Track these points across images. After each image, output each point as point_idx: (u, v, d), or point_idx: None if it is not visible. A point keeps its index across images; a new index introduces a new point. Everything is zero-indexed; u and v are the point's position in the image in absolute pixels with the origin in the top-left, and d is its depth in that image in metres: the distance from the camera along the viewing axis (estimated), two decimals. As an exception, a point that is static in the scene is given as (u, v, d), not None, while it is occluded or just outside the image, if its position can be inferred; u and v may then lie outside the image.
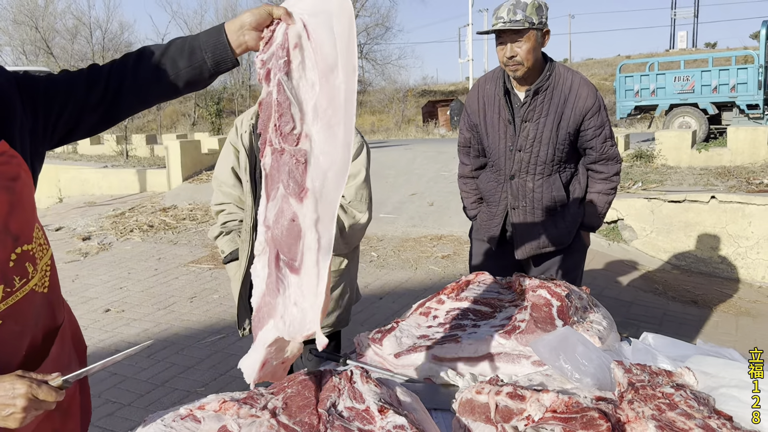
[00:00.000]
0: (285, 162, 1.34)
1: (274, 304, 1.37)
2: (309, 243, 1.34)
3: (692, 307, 5.47)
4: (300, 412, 1.59)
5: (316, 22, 1.33)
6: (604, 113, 2.99)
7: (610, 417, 1.30)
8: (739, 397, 1.41)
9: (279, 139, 1.34)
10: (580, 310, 2.37)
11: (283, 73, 1.33)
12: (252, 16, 1.37)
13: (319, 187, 1.33)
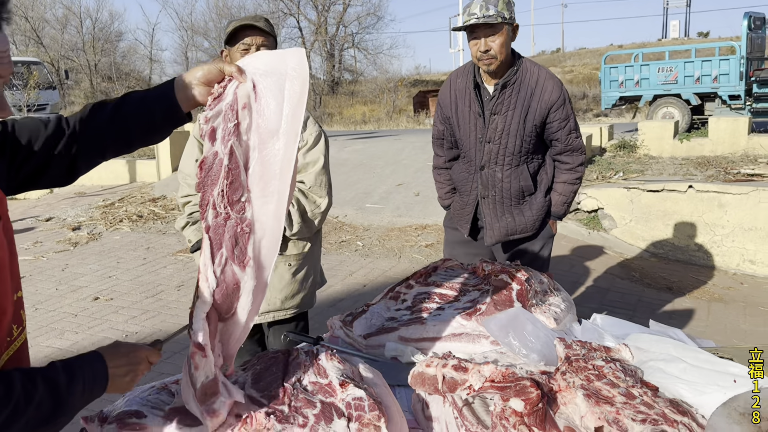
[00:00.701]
0: (230, 228, 1.32)
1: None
2: (243, 304, 1.44)
3: (667, 293, 5.63)
4: (267, 386, 1.72)
5: (266, 82, 1.31)
6: (569, 106, 3.12)
7: (542, 386, 1.43)
8: (664, 369, 1.55)
9: (226, 205, 1.30)
10: (539, 294, 2.51)
11: (234, 138, 1.30)
12: (202, 71, 1.36)
13: (257, 255, 1.34)
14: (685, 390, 1.46)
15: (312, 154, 2.73)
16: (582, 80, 31.35)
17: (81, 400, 1.20)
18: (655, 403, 1.39)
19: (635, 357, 1.68)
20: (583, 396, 1.40)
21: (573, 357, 1.57)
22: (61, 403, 1.14)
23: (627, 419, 1.33)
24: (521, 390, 1.38)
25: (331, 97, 36.00)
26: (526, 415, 1.35)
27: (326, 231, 7.80)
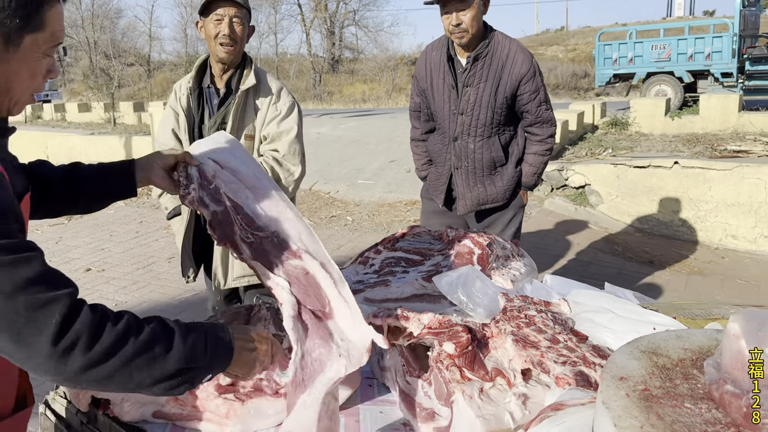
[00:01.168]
0: (265, 245, 1.47)
1: (326, 353, 1.41)
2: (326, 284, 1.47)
3: (647, 266, 5.74)
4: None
5: (221, 156, 1.57)
6: (539, 79, 3.19)
7: (474, 332, 1.54)
8: (593, 319, 1.66)
9: (249, 233, 1.48)
10: (501, 258, 2.62)
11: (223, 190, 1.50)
12: (160, 157, 1.54)
13: (301, 244, 1.49)
14: (609, 337, 1.57)
15: (286, 123, 2.80)
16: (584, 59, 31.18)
17: (204, 355, 1.18)
18: (577, 347, 1.50)
19: (573, 310, 1.79)
20: (512, 341, 1.51)
21: (509, 308, 1.67)
22: (176, 344, 1.14)
23: (550, 361, 1.44)
24: (453, 334, 1.49)
25: (331, 75, 35.88)
26: (457, 356, 1.46)
27: (317, 206, 7.90)
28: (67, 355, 1.02)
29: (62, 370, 1.03)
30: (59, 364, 1.02)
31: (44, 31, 1.18)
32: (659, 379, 1.14)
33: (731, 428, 1.02)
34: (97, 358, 1.04)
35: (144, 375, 1.10)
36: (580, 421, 1.16)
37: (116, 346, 1.06)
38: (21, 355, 1.02)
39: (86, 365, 1.04)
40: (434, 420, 1.50)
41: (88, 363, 1.04)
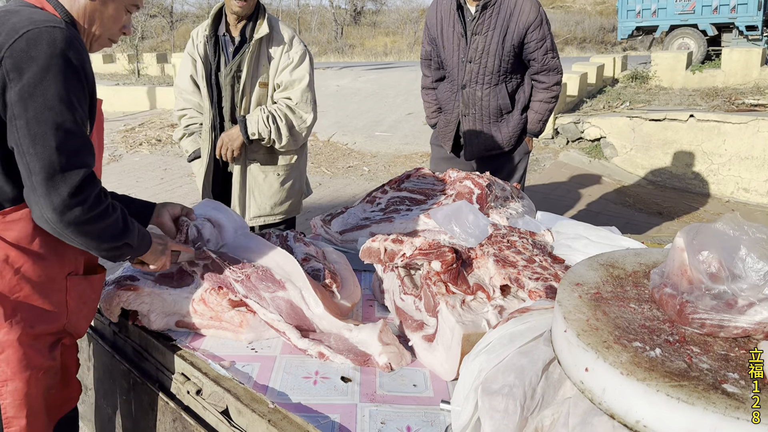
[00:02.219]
0: (253, 280, 1.77)
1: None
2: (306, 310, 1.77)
3: (656, 217, 5.85)
4: (242, 261, 2.03)
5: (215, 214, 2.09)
6: (546, 27, 3.28)
7: (460, 253, 1.72)
8: (571, 245, 1.82)
9: (238, 273, 1.78)
10: (500, 199, 2.77)
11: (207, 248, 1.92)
12: (171, 206, 1.95)
13: (282, 272, 1.81)
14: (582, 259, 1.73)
15: (298, 71, 2.93)
16: (613, 12, 30.42)
17: (137, 239, 1.57)
18: (551, 267, 1.67)
19: (555, 239, 1.95)
20: (493, 261, 1.68)
21: (495, 234, 1.84)
22: (127, 227, 1.52)
23: (525, 278, 1.62)
24: (440, 254, 1.67)
25: (353, 27, 35.48)
26: (443, 273, 1.64)
27: (334, 157, 8.06)
28: (75, 207, 1.37)
29: (66, 214, 1.37)
30: (66, 209, 1.36)
31: None
32: (611, 285, 1.31)
33: (666, 323, 1.19)
34: (91, 219, 1.41)
35: (105, 240, 1.48)
36: (542, 321, 1.34)
37: (102, 215, 1.44)
38: (42, 191, 1.34)
39: (82, 220, 1.39)
40: (423, 329, 1.69)
41: (84, 219, 1.39)
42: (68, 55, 1.37)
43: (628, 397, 1.02)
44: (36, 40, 1.34)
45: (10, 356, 1.47)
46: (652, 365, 1.04)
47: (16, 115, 1.33)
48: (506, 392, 1.18)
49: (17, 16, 1.40)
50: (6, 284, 1.46)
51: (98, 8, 1.53)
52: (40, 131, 1.33)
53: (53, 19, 1.40)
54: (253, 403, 1.49)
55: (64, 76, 1.35)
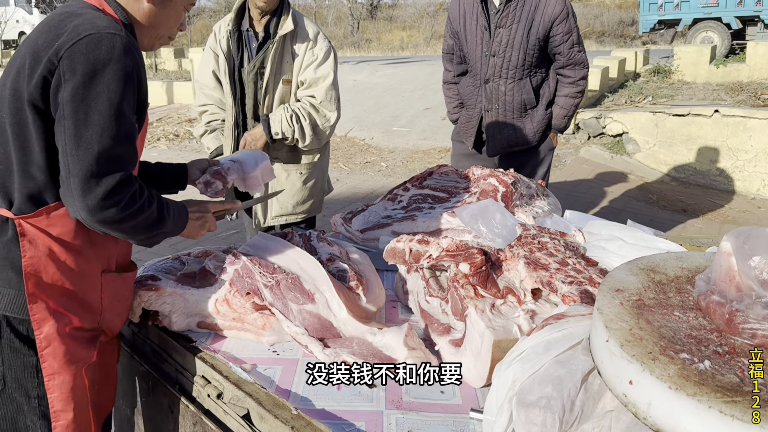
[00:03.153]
0: (284, 288, 1.72)
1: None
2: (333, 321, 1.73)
3: (680, 215, 5.74)
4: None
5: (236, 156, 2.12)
6: (572, 20, 3.20)
7: (489, 255, 1.65)
8: (605, 247, 1.75)
9: (269, 278, 1.75)
10: (525, 197, 2.71)
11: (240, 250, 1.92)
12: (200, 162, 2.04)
13: (308, 278, 1.76)
14: (617, 262, 1.67)
15: (322, 69, 2.87)
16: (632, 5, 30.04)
17: (171, 225, 1.61)
18: (585, 270, 1.61)
19: (587, 240, 1.88)
20: (524, 264, 1.62)
21: (524, 235, 1.78)
22: (161, 218, 1.55)
23: (558, 281, 1.55)
24: (469, 256, 1.61)
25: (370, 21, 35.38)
26: (471, 275, 1.58)
27: (352, 152, 8.01)
28: (108, 208, 1.40)
29: (98, 214, 1.39)
30: (99, 210, 1.39)
31: None
32: (653, 292, 1.24)
33: (714, 333, 1.12)
34: (123, 218, 1.44)
35: (139, 233, 1.52)
36: (579, 329, 1.28)
37: (136, 213, 1.46)
38: (78, 193, 1.37)
39: (115, 219, 1.42)
40: (450, 333, 1.63)
41: (117, 219, 1.42)
42: (125, 63, 1.39)
43: (676, 412, 0.96)
44: (96, 44, 1.37)
45: (56, 349, 1.50)
46: (702, 379, 0.98)
47: (66, 115, 1.36)
48: (543, 404, 1.12)
49: (80, 18, 1.43)
50: (50, 277, 1.49)
51: (160, 11, 1.59)
52: (86, 134, 1.36)
53: (114, 26, 1.43)
54: (275, 408, 1.44)
55: (118, 82, 1.38)
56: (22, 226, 1.46)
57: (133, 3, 1.55)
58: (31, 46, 1.44)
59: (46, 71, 1.38)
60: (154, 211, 1.52)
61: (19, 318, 1.50)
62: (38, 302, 1.48)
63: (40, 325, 1.48)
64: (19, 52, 1.50)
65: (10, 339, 1.51)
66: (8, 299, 1.49)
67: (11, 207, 1.48)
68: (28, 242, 1.47)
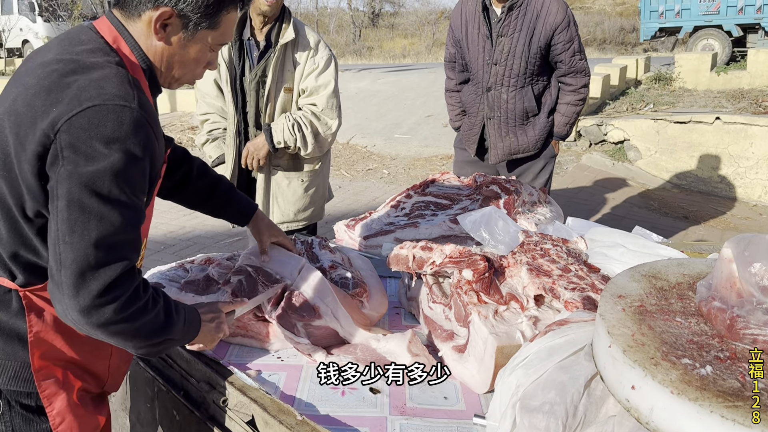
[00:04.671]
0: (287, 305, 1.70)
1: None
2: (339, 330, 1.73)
3: (682, 221, 5.74)
4: (268, 268, 1.99)
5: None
6: (574, 28, 3.22)
7: (492, 261, 1.67)
8: (607, 253, 1.76)
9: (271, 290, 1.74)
10: (527, 204, 2.72)
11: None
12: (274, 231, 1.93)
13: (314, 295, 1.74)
14: (619, 268, 1.67)
15: (323, 77, 2.89)
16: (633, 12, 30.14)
17: (181, 331, 1.41)
18: (587, 276, 1.62)
19: (589, 247, 1.90)
20: (527, 270, 1.63)
21: (527, 242, 1.79)
22: (170, 321, 1.36)
23: (560, 288, 1.57)
24: (472, 262, 1.62)
25: (371, 29, 35.52)
26: (475, 282, 1.59)
27: (354, 159, 8.04)
28: (104, 306, 1.20)
29: (93, 315, 1.20)
30: (93, 310, 1.20)
31: (217, 30, 1.39)
32: (655, 298, 1.26)
33: (715, 339, 1.13)
34: (121, 319, 1.23)
35: (139, 341, 1.31)
36: (581, 335, 1.29)
37: (137, 315, 1.26)
38: (69, 290, 1.18)
39: (111, 321, 1.22)
40: (453, 340, 1.64)
41: (114, 320, 1.22)
42: (134, 142, 1.21)
43: (678, 417, 0.97)
44: (100, 120, 1.19)
45: (70, 423, 1.42)
46: (704, 384, 0.99)
47: (59, 196, 1.18)
48: (547, 410, 1.13)
49: (85, 77, 1.24)
50: (58, 350, 1.39)
51: (177, 52, 1.38)
52: (82, 219, 1.18)
53: (125, 95, 1.23)
54: (280, 414, 1.45)
55: (124, 164, 1.20)
56: (29, 298, 1.34)
57: (145, 40, 1.36)
58: (28, 103, 1.25)
59: (40, 147, 1.20)
60: (160, 312, 1.33)
61: (25, 392, 1.39)
62: (47, 377, 1.38)
63: (52, 401, 1.39)
64: (9, 95, 1.31)
65: (19, 411, 1.40)
66: (12, 373, 1.37)
67: (13, 278, 1.34)
68: (35, 315, 1.35)
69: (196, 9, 1.33)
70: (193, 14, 1.33)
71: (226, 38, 1.43)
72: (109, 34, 1.35)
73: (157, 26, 1.32)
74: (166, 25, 1.33)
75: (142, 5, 1.32)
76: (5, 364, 1.37)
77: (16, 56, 20.97)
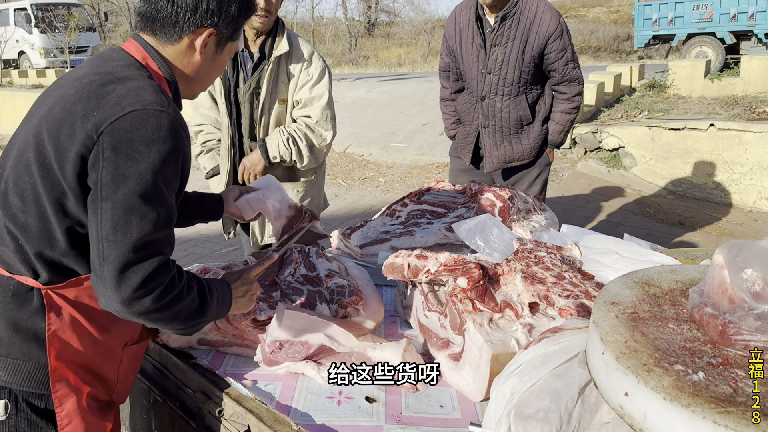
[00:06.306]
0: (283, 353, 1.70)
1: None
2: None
3: (678, 228, 5.76)
4: (264, 277, 2.00)
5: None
6: (567, 37, 3.24)
7: (486, 269, 1.67)
8: (601, 260, 1.77)
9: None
10: (522, 211, 2.73)
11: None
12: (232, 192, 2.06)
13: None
14: (613, 275, 1.68)
15: (317, 88, 2.89)
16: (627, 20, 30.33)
17: (215, 310, 1.50)
18: (581, 283, 1.63)
19: (583, 254, 1.90)
20: (521, 278, 1.64)
21: (521, 250, 1.80)
22: (204, 304, 1.45)
23: (555, 295, 1.57)
24: (466, 270, 1.63)
25: (367, 39, 35.65)
26: (469, 290, 1.60)
27: (350, 168, 8.05)
28: (143, 297, 1.29)
29: (133, 305, 1.29)
30: (134, 301, 1.29)
31: (236, 41, 1.56)
32: (648, 304, 1.26)
33: (708, 345, 1.14)
34: (159, 308, 1.33)
35: (178, 323, 1.41)
36: (575, 342, 1.29)
37: (174, 302, 1.35)
38: (112, 283, 1.27)
39: (150, 309, 1.31)
40: (448, 348, 1.65)
41: (153, 308, 1.32)
42: (172, 144, 1.30)
43: (671, 423, 0.98)
44: (141, 123, 1.28)
45: (77, 426, 1.45)
46: (696, 390, 0.99)
47: (103, 197, 1.27)
48: (541, 417, 1.13)
49: (123, 87, 1.34)
50: (73, 351, 1.43)
51: (209, 65, 1.54)
52: (124, 219, 1.27)
53: (162, 101, 1.33)
54: (276, 424, 1.45)
55: (162, 164, 1.29)
56: (50, 296, 1.39)
57: (183, 58, 1.48)
58: (67, 110, 1.33)
59: (83, 148, 1.29)
60: (195, 297, 1.42)
61: (37, 393, 1.43)
62: (61, 378, 1.42)
63: (62, 402, 1.42)
64: (44, 104, 1.40)
65: (27, 413, 1.43)
66: (27, 374, 1.41)
67: (36, 276, 1.39)
68: (55, 314, 1.40)
69: (229, 24, 1.48)
70: (227, 30, 1.49)
71: (239, 46, 1.61)
72: (138, 53, 1.46)
73: (202, 47, 1.48)
74: (207, 43, 1.48)
75: (183, 31, 1.45)
76: (21, 364, 1.41)
77: (12, 67, 20.98)
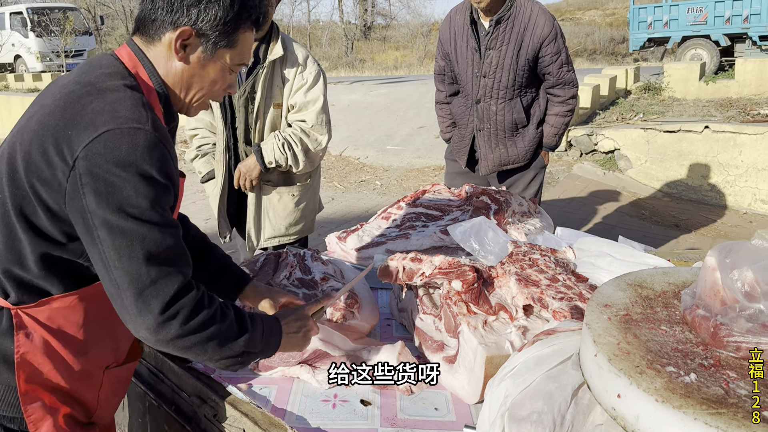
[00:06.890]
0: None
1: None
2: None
3: (673, 230, 5.78)
4: (260, 281, 2.00)
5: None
6: (561, 41, 3.26)
7: (480, 272, 1.68)
8: (595, 263, 1.78)
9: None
10: (517, 214, 2.74)
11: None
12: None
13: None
14: (606, 278, 1.69)
15: (312, 92, 2.89)
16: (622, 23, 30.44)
17: (260, 342, 1.39)
18: (575, 286, 1.63)
19: (577, 256, 1.91)
20: (515, 280, 1.65)
21: (516, 252, 1.81)
22: (244, 332, 1.35)
23: (549, 298, 1.58)
24: (461, 273, 1.63)
25: (363, 42, 35.69)
26: (464, 293, 1.60)
27: (347, 171, 8.06)
28: (168, 322, 1.23)
29: (160, 332, 1.23)
30: (159, 327, 1.22)
31: (235, 49, 1.41)
32: (641, 306, 1.27)
33: (700, 346, 1.15)
34: (189, 331, 1.25)
35: (215, 352, 1.31)
36: (569, 344, 1.30)
37: (205, 325, 1.27)
38: (134, 310, 1.21)
39: (179, 334, 1.24)
40: (443, 350, 1.65)
41: (181, 333, 1.24)
42: (150, 162, 1.23)
43: (663, 425, 0.98)
44: (115, 144, 1.21)
45: None
46: (688, 391, 1.00)
47: (96, 225, 1.21)
48: (535, 419, 1.14)
49: (100, 100, 1.26)
50: (45, 375, 1.36)
51: (197, 72, 1.40)
52: (125, 243, 1.21)
53: (138, 117, 1.25)
54: (271, 427, 1.46)
55: (145, 184, 1.22)
56: (20, 317, 1.33)
57: (165, 62, 1.38)
58: (42, 122, 1.28)
59: (60, 173, 1.23)
60: (232, 324, 1.34)
61: (8, 416, 1.36)
62: (33, 400, 1.35)
63: (38, 426, 1.36)
64: (27, 113, 1.35)
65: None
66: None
67: (6, 296, 1.34)
68: (24, 335, 1.33)
69: (214, 27, 1.35)
70: (211, 32, 1.36)
71: (245, 58, 1.44)
72: (129, 60, 1.38)
73: (177, 45, 1.35)
74: (186, 45, 1.36)
75: (163, 28, 1.35)
76: None
77: (8, 71, 20.95)
